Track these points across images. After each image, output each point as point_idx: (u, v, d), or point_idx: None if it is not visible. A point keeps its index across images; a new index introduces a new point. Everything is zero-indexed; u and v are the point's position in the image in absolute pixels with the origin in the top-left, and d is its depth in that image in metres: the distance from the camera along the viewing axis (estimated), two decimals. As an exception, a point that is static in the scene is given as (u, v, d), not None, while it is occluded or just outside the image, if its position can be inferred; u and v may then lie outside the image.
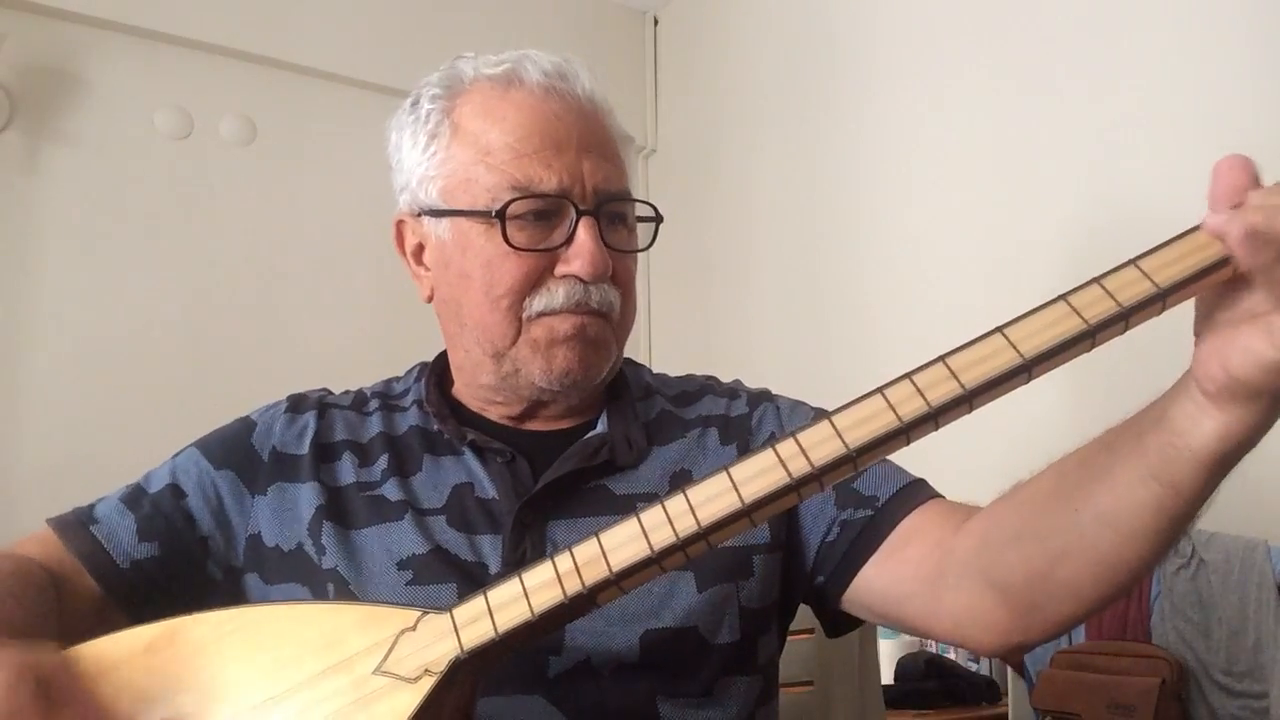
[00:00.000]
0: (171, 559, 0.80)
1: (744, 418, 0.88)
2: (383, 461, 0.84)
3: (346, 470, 0.84)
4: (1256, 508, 1.53)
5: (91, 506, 0.83)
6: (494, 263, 0.80)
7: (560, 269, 0.80)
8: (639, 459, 0.84)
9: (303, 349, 2.40)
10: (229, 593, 0.81)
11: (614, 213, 0.83)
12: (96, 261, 2.24)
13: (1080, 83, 1.87)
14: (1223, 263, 0.50)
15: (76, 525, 0.80)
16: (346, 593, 0.76)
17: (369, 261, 2.51)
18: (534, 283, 0.80)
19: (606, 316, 0.82)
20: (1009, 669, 1.69)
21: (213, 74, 2.43)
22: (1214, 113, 1.63)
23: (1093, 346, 0.53)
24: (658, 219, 0.88)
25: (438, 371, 0.91)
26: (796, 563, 0.83)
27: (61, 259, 2.20)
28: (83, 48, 2.28)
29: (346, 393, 0.93)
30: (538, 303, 0.80)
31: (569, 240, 0.80)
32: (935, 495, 0.81)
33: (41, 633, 0.66)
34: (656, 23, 3.15)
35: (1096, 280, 0.52)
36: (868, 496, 0.80)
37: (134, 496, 0.82)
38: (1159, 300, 0.51)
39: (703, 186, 2.84)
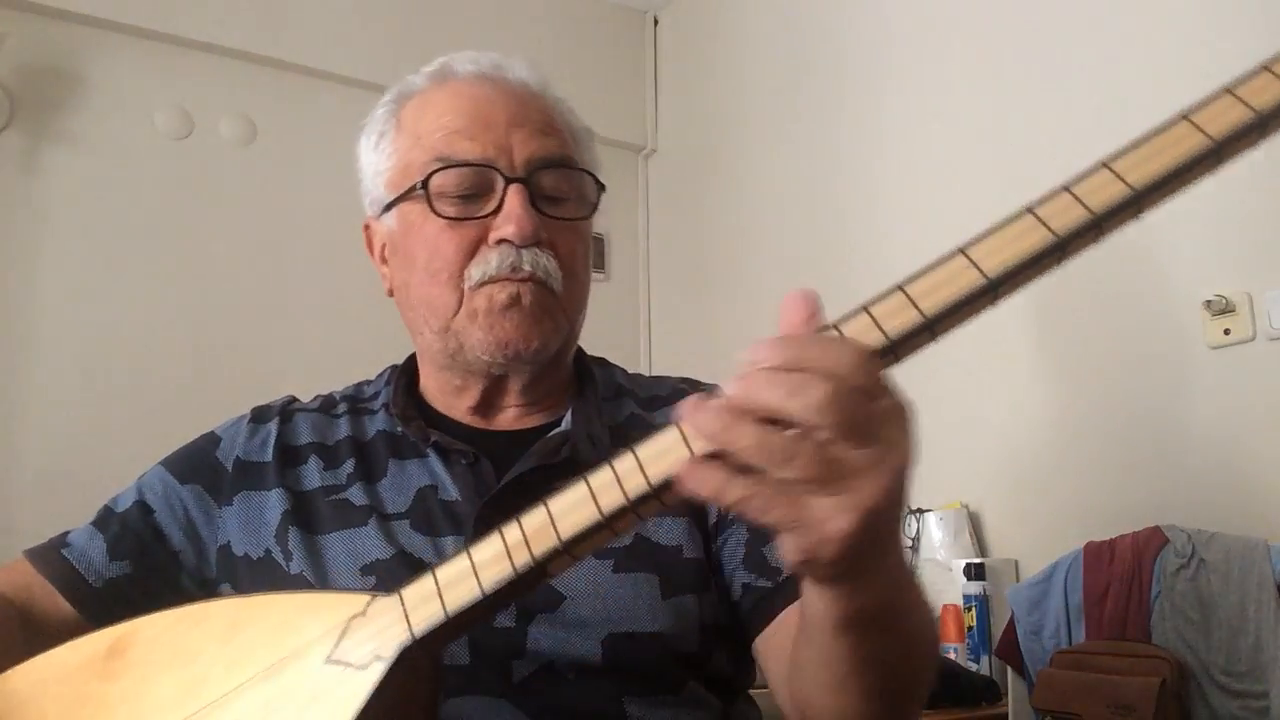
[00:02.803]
0: (145, 576, 0.80)
1: None
2: (349, 465, 0.84)
3: (312, 474, 0.84)
4: (1256, 508, 1.53)
5: (64, 535, 0.83)
6: (431, 238, 0.82)
7: (492, 236, 0.81)
8: (603, 458, 0.83)
9: (303, 348, 2.39)
10: None
11: (553, 189, 0.84)
12: (97, 261, 2.24)
13: (1082, 83, 1.87)
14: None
15: (49, 551, 0.81)
16: None
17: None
18: (469, 253, 0.81)
19: (545, 285, 0.81)
20: (1009, 669, 1.68)
21: (213, 74, 2.43)
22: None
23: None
24: (599, 187, 0.88)
25: (408, 373, 0.92)
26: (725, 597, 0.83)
27: (61, 259, 2.20)
28: (83, 48, 2.28)
29: (315, 397, 0.93)
30: (475, 272, 0.81)
31: (499, 208, 0.81)
32: None
33: None
34: (656, 23, 3.15)
35: None
36: (772, 567, 0.78)
37: (103, 519, 0.83)
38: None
39: (703, 186, 2.84)
